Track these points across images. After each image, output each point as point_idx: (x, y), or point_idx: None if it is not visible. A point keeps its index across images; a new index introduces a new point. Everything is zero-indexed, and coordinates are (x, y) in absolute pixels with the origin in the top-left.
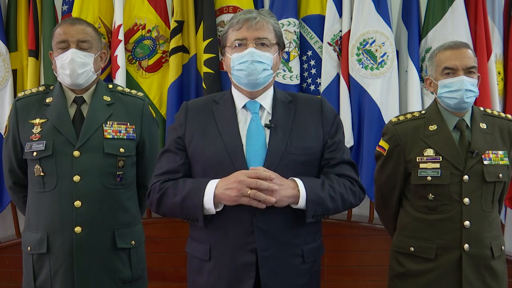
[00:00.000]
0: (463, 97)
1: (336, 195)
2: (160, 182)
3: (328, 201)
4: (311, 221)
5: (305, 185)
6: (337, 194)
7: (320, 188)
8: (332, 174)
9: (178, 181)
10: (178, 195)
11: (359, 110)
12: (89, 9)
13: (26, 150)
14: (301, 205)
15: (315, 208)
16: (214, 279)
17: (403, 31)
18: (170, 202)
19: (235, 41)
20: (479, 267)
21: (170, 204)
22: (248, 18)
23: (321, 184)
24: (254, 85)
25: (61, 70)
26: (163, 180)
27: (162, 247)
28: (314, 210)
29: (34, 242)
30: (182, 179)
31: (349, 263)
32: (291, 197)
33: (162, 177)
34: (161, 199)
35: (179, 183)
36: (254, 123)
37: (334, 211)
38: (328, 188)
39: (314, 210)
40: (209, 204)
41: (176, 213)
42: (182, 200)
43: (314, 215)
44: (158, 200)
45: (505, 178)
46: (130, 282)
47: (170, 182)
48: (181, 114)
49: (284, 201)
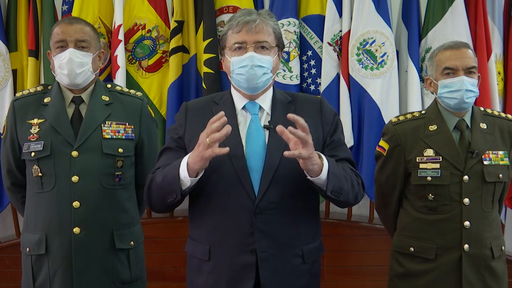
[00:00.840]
0: (463, 97)
1: (348, 177)
2: (151, 174)
3: (343, 180)
4: (329, 196)
5: (327, 159)
6: (348, 176)
7: (338, 167)
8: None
9: (165, 166)
10: (160, 176)
11: (359, 110)
12: (89, 9)
13: (24, 151)
14: (323, 176)
15: (333, 183)
16: (213, 280)
17: (403, 31)
18: (155, 186)
19: (234, 44)
20: (479, 267)
21: (155, 188)
22: (247, 21)
23: (337, 164)
24: (253, 89)
25: (59, 70)
26: (154, 172)
27: (162, 247)
28: (333, 184)
29: (33, 243)
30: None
31: (349, 263)
32: (317, 164)
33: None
34: (149, 187)
35: (164, 168)
36: (254, 124)
37: (346, 193)
38: (342, 168)
39: (333, 184)
40: (184, 172)
41: (160, 194)
42: (163, 178)
43: (333, 190)
44: (148, 189)
45: (505, 178)
46: (129, 283)
47: (160, 169)
48: (181, 114)
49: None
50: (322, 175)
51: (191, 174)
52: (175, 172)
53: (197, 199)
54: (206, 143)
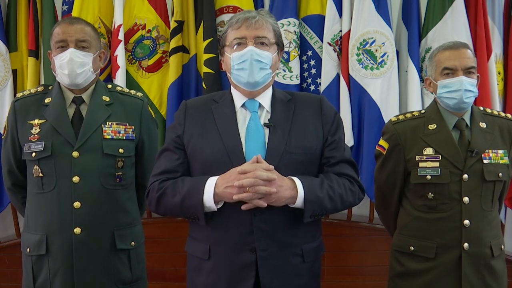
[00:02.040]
0: (463, 97)
1: (335, 195)
2: (159, 181)
3: (326, 201)
4: (309, 220)
5: (304, 185)
6: (336, 194)
7: (319, 188)
8: (331, 174)
9: (177, 180)
10: (177, 195)
11: (359, 110)
12: (89, 9)
13: (25, 151)
14: (299, 205)
15: (313, 208)
16: (213, 279)
17: (403, 31)
18: (169, 202)
19: (234, 40)
20: (479, 266)
21: (170, 204)
22: (247, 17)
23: (320, 184)
24: (253, 85)
25: (59, 70)
26: (161, 180)
27: (162, 247)
28: (312, 209)
29: (33, 243)
30: (181, 178)
31: (349, 263)
32: (289, 198)
33: (161, 177)
34: (160, 199)
35: (178, 182)
36: (253, 122)
37: (332, 211)
38: (327, 188)
39: (312, 210)
40: (210, 203)
41: (176, 212)
42: (182, 199)
43: (312, 214)
44: (157, 200)
45: (505, 177)
46: (130, 283)
47: (169, 181)
48: (180, 113)
49: (282, 202)
50: (297, 204)
51: (217, 204)
52: (199, 200)
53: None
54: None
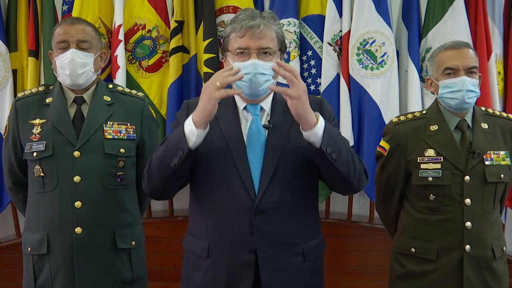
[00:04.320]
0: (465, 98)
1: (348, 150)
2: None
3: (341, 145)
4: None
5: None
6: (348, 150)
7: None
8: None
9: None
10: (161, 148)
11: (359, 110)
12: (89, 9)
13: (26, 151)
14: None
15: (330, 140)
16: (211, 277)
17: (403, 31)
18: (155, 161)
19: (237, 49)
20: (481, 268)
21: (155, 162)
22: (251, 26)
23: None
24: (255, 96)
25: (61, 70)
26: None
27: (162, 247)
28: (329, 141)
29: (34, 242)
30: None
31: (349, 263)
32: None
33: None
34: (149, 166)
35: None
36: (255, 124)
37: (346, 161)
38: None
39: (329, 142)
40: (190, 126)
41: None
42: (165, 146)
43: (329, 147)
44: (147, 171)
45: (506, 179)
46: (131, 283)
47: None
48: (182, 112)
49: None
50: (317, 128)
51: (198, 126)
52: (179, 133)
53: (198, 195)
54: (216, 85)
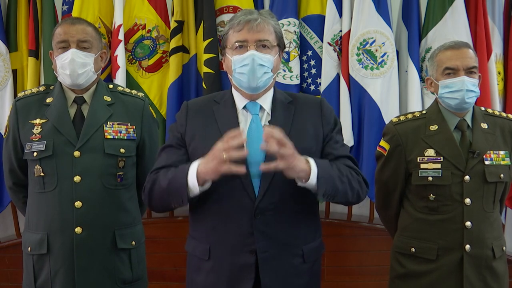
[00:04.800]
0: (464, 98)
1: (343, 178)
2: (153, 173)
3: (337, 181)
4: (321, 199)
5: (316, 163)
6: (344, 177)
7: (330, 168)
8: (336, 162)
9: (169, 169)
10: (165, 180)
11: (359, 110)
12: (89, 9)
13: (26, 151)
14: (312, 182)
15: (325, 186)
16: (212, 279)
17: (403, 31)
18: (158, 188)
19: (235, 42)
20: (480, 268)
21: (158, 190)
22: (249, 19)
23: (330, 164)
24: (255, 89)
25: (61, 70)
26: (156, 172)
27: (162, 247)
28: (325, 187)
29: (34, 242)
30: (173, 167)
31: (349, 263)
32: (304, 170)
33: (157, 171)
34: (152, 189)
35: (169, 169)
36: (254, 124)
37: (343, 193)
38: (336, 169)
39: (325, 188)
40: (193, 180)
41: (164, 198)
42: (168, 183)
43: (325, 194)
44: (149, 191)
45: (506, 178)
46: (131, 283)
47: (161, 170)
48: (182, 113)
49: (297, 171)
50: (311, 180)
51: (199, 183)
52: (183, 179)
53: (198, 198)
54: (222, 158)
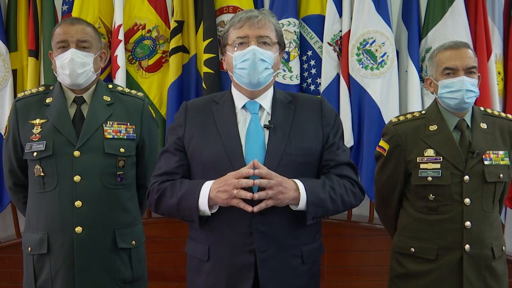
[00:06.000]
0: (464, 98)
1: (336, 196)
2: (158, 183)
3: (328, 203)
4: (311, 223)
5: (306, 187)
6: (337, 195)
7: (321, 189)
8: (333, 175)
9: (176, 182)
10: (174, 197)
11: (359, 110)
12: (89, 9)
13: (26, 151)
14: (301, 207)
15: (315, 210)
16: (212, 280)
17: (403, 31)
18: (167, 203)
19: (237, 39)
20: (480, 268)
21: (167, 206)
22: (250, 16)
23: (321, 185)
24: (255, 85)
25: (60, 70)
26: (161, 181)
27: (162, 247)
28: (315, 212)
29: (35, 242)
30: (179, 180)
31: (349, 263)
32: (293, 199)
33: (161, 178)
34: (159, 200)
35: (176, 184)
36: (254, 123)
37: (334, 212)
38: (328, 189)
39: (314, 212)
40: (204, 206)
41: (173, 214)
42: (179, 201)
43: (315, 216)
44: (156, 201)
45: (505, 178)
46: (131, 282)
47: (168, 183)
48: (181, 114)
49: (286, 202)
50: (300, 206)
51: (210, 207)
52: (194, 203)
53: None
54: (233, 194)
